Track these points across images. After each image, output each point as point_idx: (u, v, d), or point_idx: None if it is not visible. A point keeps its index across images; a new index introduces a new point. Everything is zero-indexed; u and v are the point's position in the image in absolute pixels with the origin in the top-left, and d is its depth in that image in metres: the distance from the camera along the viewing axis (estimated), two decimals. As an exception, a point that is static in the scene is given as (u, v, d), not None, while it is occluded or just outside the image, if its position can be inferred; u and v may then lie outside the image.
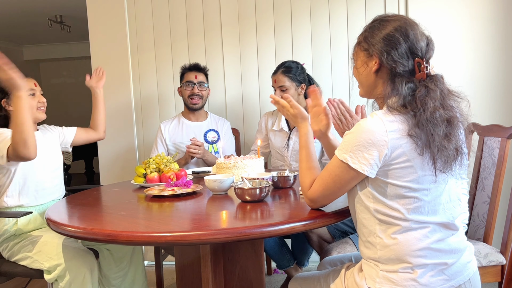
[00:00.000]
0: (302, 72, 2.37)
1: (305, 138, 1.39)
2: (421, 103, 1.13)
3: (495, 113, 2.63)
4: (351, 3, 2.73)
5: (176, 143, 2.62)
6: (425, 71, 1.16)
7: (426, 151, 1.12)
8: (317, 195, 1.27)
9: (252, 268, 1.76)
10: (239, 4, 2.86)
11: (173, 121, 2.68)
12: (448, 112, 1.14)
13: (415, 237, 1.15)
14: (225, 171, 1.87)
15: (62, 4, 4.89)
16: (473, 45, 2.63)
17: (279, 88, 2.32)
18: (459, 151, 1.15)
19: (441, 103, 1.14)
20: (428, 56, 1.19)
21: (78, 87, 7.52)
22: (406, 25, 1.18)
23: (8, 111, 1.99)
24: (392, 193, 1.15)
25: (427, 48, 1.19)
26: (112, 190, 2.01)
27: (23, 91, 1.75)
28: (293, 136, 2.42)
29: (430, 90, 1.14)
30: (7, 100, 1.97)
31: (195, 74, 2.58)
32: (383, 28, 1.20)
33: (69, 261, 1.77)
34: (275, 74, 2.36)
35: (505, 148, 1.72)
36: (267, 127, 2.54)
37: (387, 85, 1.20)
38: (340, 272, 1.32)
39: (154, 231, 1.22)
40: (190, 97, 2.57)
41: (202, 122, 2.67)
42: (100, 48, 3.03)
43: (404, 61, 1.17)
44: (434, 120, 1.11)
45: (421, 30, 1.20)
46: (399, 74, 1.18)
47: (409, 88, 1.16)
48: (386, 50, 1.18)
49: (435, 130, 1.11)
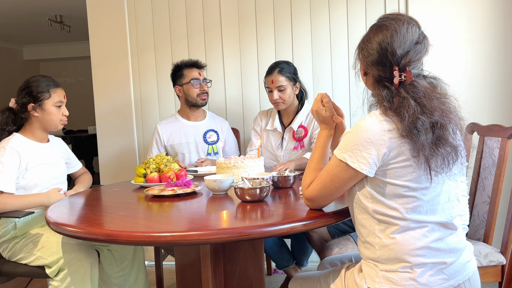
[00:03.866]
0: (295, 71, 2.38)
1: (324, 140, 1.37)
2: (398, 114, 1.13)
3: (495, 113, 2.63)
4: (351, 3, 2.73)
5: (174, 145, 2.57)
6: (396, 80, 1.16)
7: (420, 154, 1.12)
8: (314, 195, 1.27)
9: (252, 268, 1.76)
10: (239, 4, 2.86)
11: (170, 122, 2.62)
12: (432, 116, 1.12)
13: (414, 236, 1.16)
14: (225, 171, 1.87)
15: (62, 4, 4.89)
16: (473, 45, 2.62)
17: (277, 88, 2.31)
18: (457, 151, 1.15)
19: (421, 110, 1.12)
20: (404, 62, 1.16)
21: (78, 87, 7.52)
22: (389, 35, 1.17)
23: (31, 116, 1.99)
24: (391, 193, 1.15)
25: (406, 55, 1.16)
26: (112, 190, 2.01)
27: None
28: (286, 136, 2.41)
29: (403, 99, 1.13)
30: (34, 105, 1.97)
31: (198, 71, 2.54)
32: (373, 36, 1.21)
33: (70, 255, 1.77)
34: (271, 74, 2.33)
35: (505, 148, 1.72)
36: (261, 126, 2.54)
37: (374, 89, 1.23)
38: (340, 272, 1.32)
39: (154, 231, 1.22)
40: (200, 95, 2.51)
41: (201, 121, 2.63)
42: (100, 48, 3.03)
43: (383, 69, 1.18)
44: (415, 129, 1.11)
45: (408, 35, 1.17)
46: (380, 81, 1.20)
47: (389, 95, 1.17)
48: (366, 58, 1.21)
49: (420, 138, 1.10)
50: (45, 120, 2.00)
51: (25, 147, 1.95)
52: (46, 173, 2.00)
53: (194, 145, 2.58)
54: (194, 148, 2.58)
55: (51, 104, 1.99)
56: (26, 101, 1.97)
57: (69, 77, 7.92)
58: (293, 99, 2.37)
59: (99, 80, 3.05)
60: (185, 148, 2.57)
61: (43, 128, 2.03)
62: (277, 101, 2.32)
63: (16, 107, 2.00)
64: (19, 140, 1.96)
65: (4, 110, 2.02)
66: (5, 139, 1.95)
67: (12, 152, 1.89)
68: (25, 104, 1.97)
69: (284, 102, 2.33)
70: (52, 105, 2.00)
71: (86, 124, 6.73)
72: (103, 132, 3.08)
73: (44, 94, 1.98)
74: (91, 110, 3.34)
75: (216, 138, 2.60)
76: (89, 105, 3.93)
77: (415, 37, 1.18)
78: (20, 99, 1.98)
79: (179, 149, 2.57)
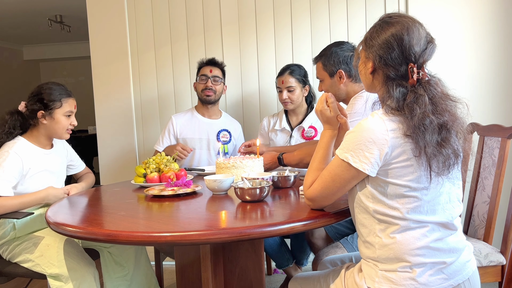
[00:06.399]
0: (305, 75, 2.47)
1: (327, 140, 1.36)
2: (408, 109, 1.13)
3: (495, 113, 2.63)
4: (351, 3, 2.73)
5: (186, 138, 2.58)
6: (415, 77, 1.16)
7: (422, 154, 1.12)
8: (315, 194, 1.27)
9: (252, 268, 1.76)
10: (239, 4, 2.86)
11: (186, 115, 2.65)
12: (441, 117, 1.13)
13: (414, 236, 1.16)
14: (224, 171, 1.87)
15: (62, 4, 4.89)
16: (473, 45, 2.62)
17: (286, 89, 2.40)
18: (458, 155, 1.15)
19: (432, 109, 1.13)
20: (422, 60, 1.18)
21: (78, 87, 7.52)
22: (404, 29, 1.17)
23: (39, 123, 1.97)
24: (392, 193, 1.16)
25: (423, 53, 1.17)
26: (112, 190, 2.01)
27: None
28: (294, 134, 2.46)
29: (419, 96, 1.14)
30: (44, 113, 1.95)
31: (210, 68, 2.57)
32: (382, 32, 1.20)
33: (72, 271, 1.74)
34: (282, 75, 2.43)
35: (505, 148, 1.72)
36: (269, 128, 2.57)
37: (383, 88, 1.22)
38: (340, 272, 1.32)
39: (154, 231, 1.22)
40: (203, 91, 2.55)
41: (216, 120, 2.64)
42: (100, 48, 3.03)
43: (397, 66, 1.18)
44: (422, 127, 1.11)
45: (421, 33, 1.18)
46: (392, 78, 1.19)
47: (400, 93, 1.16)
48: (379, 54, 1.20)
49: (425, 137, 1.11)
50: (53, 128, 1.98)
51: (28, 153, 1.93)
52: (45, 180, 1.98)
53: (206, 142, 2.59)
54: (205, 144, 2.59)
55: (61, 113, 1.98)
56: (36, 107, 1.95)
57: (69, 77, 7.92)
58: (301, 100, 2.46)
59: (99, 80, 3.05)
60: (196, 144, 2.58)
61: (48, 136, 2.02)
62: (285, 100, 2.42)
63: (26, 111, 1.98)
64: (23, 145, 1.94)
65: (13, 112, 2.00)
66: (9, 143, 1.92)
67: (15, 157, 1.86)
68: (35, 110, 1.95)
69: (293, 102, 2.42)
70: (62, 114, 1.98)
71: (86, 124, 6.73)
72: (103, 132, 3.08)
73: (55, 103, 1.96)
74: (91, 110, 3.33)
75: (229, 138, 2.62)
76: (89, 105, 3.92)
77: (428, 36, 1.20)
78: (31, 105, 1.96)
79: (191, 144, 2.56)
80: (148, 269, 2.15)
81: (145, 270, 2.13)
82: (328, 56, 1.90)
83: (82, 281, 1.74)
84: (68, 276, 1.73)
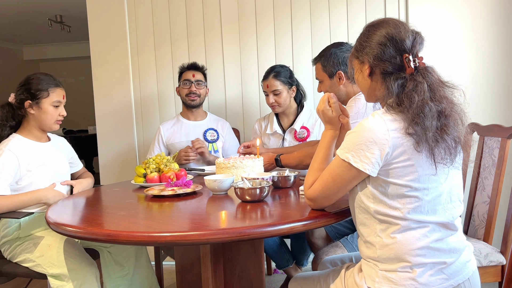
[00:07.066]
0: (291, 75, 2.41)
1: (329, 140, 1.36)
2: (408, 99, 1.14)
3: (495, 113, 2.63)
4: (351, 3, 2.73)
5: (174, 143, 2.61)
6: (412, 65, 1.18)
7: (423, 146, 1.12)
8: (316, 195, 1.27)
9: (252, 268, 1.76)
10: (239, 4, 2.86)
11: (172, 122, 2.69)
12: (440, 104, 1.15)
13: (414, 236, 1.16)
14: (224, 171, 1.87)
15: (62, 4, 4.89)
16: (473, 45, 2.62)
17: (272, 92, 2.36)
18: (458, 142, 1.15)
19: (431, 96, 1.14)
20: (415, 50, 1.20)
21: (78, 87, 7.52)
22: (391, 27, 1.21)
23: (28, 113, 1.97)
24: (393, 193, 1.16)
25: (414, 43, 1.20)
26: (112, 190, 2.01)
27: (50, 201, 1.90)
28: (287, 137, 2.44)
29: (418, 84, 1.15)
30: (31, 103, 1.95)
31: (192, 72, 2.59)
32: (371, 35, 1.23)
33: (73, 271, 1.74)
34: (266, 79, 2.38)
35: (505, 148, 1.72)
36: (261, 131, 2.57)
37: (382, 86, 1.22)
38: (340, 272, 1.32)
39: (154, 231, 1.22)
40: (188, 95, 2.58)
41: (201, 121, 2.67)
42: (100, 48, 3.03)
43: (392, 59, 1.19)
44: (422, 114, 1.12)
45: (407, 28, 1.22)
46: (390, 73, 1.20)
47: (399, 85, 1.17)
48: (373, 54, 1.21)
49: (425, 123, 1.11)
50: (41, 118, 1.97)
51: (24, 148, 1.93)
52: (47, 173, 1.98)
53: None
54: None
55: (48, 103, 1.97)
56: (23, 97, 1.95)
57: (69, 77, 7.92)
58: (289, 102, 2.41)
59: (99, 80, 3.06)
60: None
61: (38, 127, 2.01)
62: (273, 104, 2.39)
63: (15, 102, 1.98)
64: (17, 141, 1.94)
65: (4, 105, 2.00)
66: (4, 141, 1.93)
67: (10, 155, 1.86)
68: (22, 100, 1.95)
69: (280, 105, 2.38)
70: (49, 104, 1.97)
71: (86, 124, 6.73)
72: (103, 132, 3.08)
73: (42, 92, 1.95)
74: (91, 110, 3.34)
75: (216, 136, 2.63)
76: (89, 105, 3.93)
77: (414, 30, 1.23)
78: (19, 95, 1.96)
79: (180, 148, 2.57)
80: (148, 269, 2.15)
81: (145, 270, 2.13)
82: (328, 57, 1.89)
83: (83, 281, 1.74)
84: (69, 276, 1.73)
